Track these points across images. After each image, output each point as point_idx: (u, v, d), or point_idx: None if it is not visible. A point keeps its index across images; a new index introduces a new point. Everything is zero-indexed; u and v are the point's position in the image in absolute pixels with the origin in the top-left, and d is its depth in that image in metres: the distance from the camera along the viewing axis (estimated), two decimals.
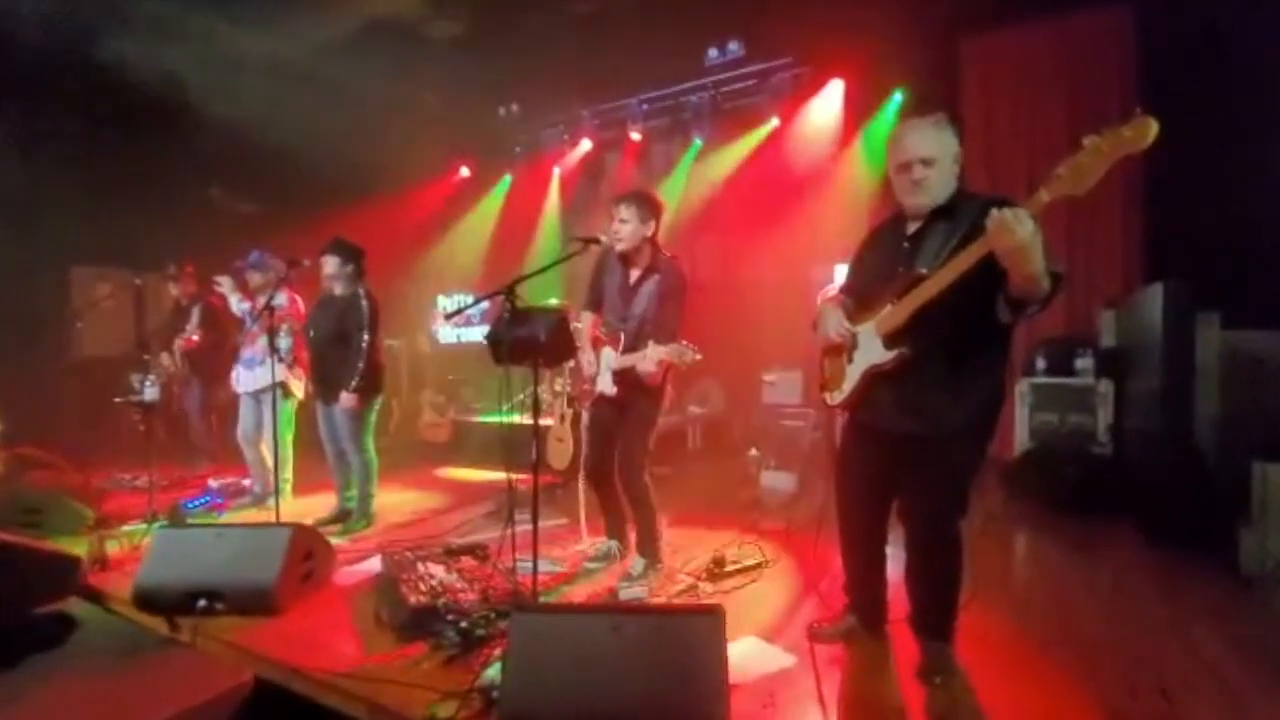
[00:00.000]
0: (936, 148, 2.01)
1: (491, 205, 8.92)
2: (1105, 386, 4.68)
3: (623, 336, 3.07)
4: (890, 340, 2.05)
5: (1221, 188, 4.25)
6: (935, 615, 2.18)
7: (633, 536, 3.29)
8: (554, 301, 5.57)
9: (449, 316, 5.29)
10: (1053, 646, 2.45)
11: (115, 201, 6.24)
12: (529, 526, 2.53)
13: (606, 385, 3.12)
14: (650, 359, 2.82)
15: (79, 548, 3.10)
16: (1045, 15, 5.32)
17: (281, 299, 4.12)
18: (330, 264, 3.97)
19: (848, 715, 2.04)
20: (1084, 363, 4.83)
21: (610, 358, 3.10)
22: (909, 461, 2.11)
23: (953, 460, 2.05)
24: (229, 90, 6.11)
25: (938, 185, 2.02)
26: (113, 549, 3.32)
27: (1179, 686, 2.17)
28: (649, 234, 3.05)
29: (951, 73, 5.75)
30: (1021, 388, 4.97)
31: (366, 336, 3.92)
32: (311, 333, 4.08)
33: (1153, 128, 1.55)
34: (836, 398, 2.28)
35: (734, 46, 6.62)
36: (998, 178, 5.46)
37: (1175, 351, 3.69)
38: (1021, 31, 5.49)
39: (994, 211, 1.68)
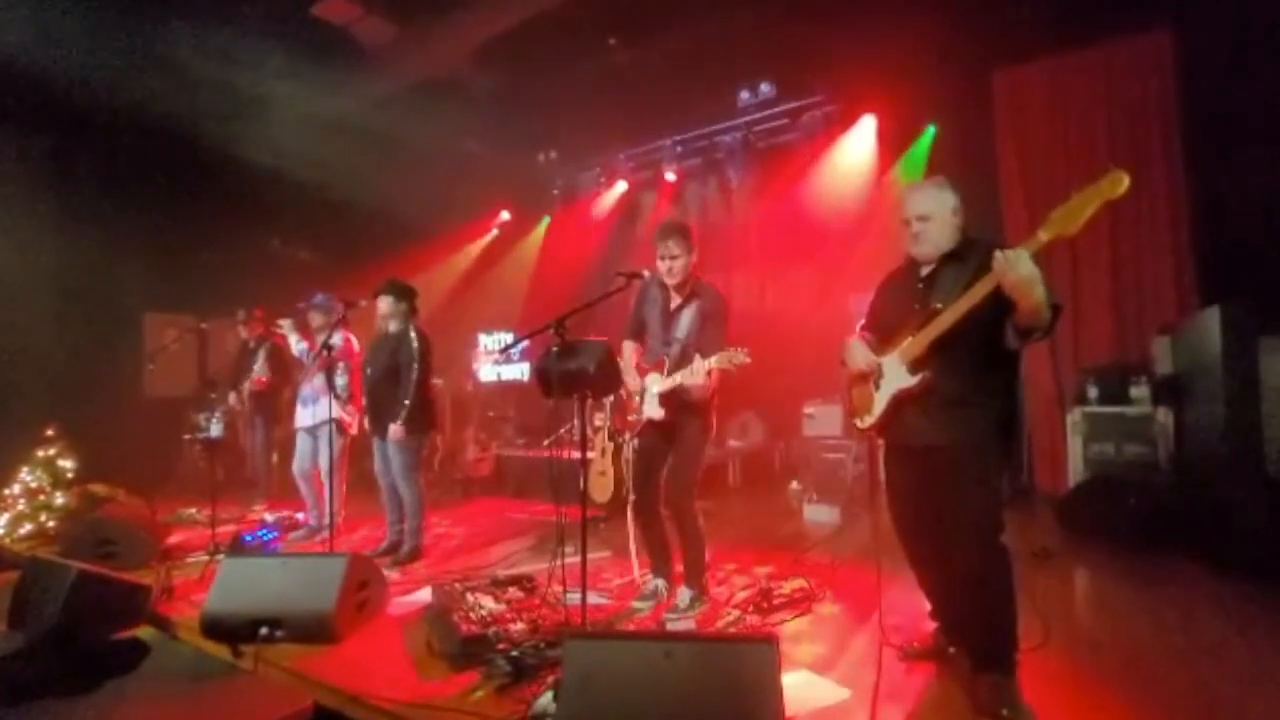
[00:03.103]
0: (933, 205, 2.30)
1: (531, 247, 9.20)
2: (1164, 415, 4.52)
3: (666, 361, 3.10)
4: (914, 366, 2.28)
5: (1276, 206, 4.14)
6: (991, 642, 2.14)
7: (678, 568, 3.27)
8: (593, 338, 5.68)
9: (502, 351, 5.43)
10: (1123, 686, 2.34)
11: (185, 253, 6.68)
12: (575, 558, 2.56)
13: (653, 409, 3.13)
14: (698, 370, 2.83)
15: (147, 578, 3.24)
16: (1079, 45, 5.33)
17: (338, 339, 4.30)
18: (384, 304, 4.14)
19: None
20: (1139, 391, 4.68)
21: (655, 382, 3.13)
22: (940, 473, 2.23)
23: (979, 468, 2.18)
24: (288, 147, 6.52)
25: (934, 236, 2.30)
26: (178, 579, 3.45)
27: None
28: (693, 261, 3.12)
29: (984, 105, 5.77)
30: (1073, 417, 4.83)
31: (416, 371, 4.05)
32: (368, 370, 4.25)
33: (1124, 181, 1.85)
34: (867, 421, 2.47)
35: (765, 88, 6.79)
36: (1036, 210, 5.40)
37: (1237, 376, 3.56)
38: (1055, 62, 5.49)
39: (998, 253, 1.95)
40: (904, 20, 5.15)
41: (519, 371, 8.18)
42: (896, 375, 2.34)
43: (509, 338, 8.21)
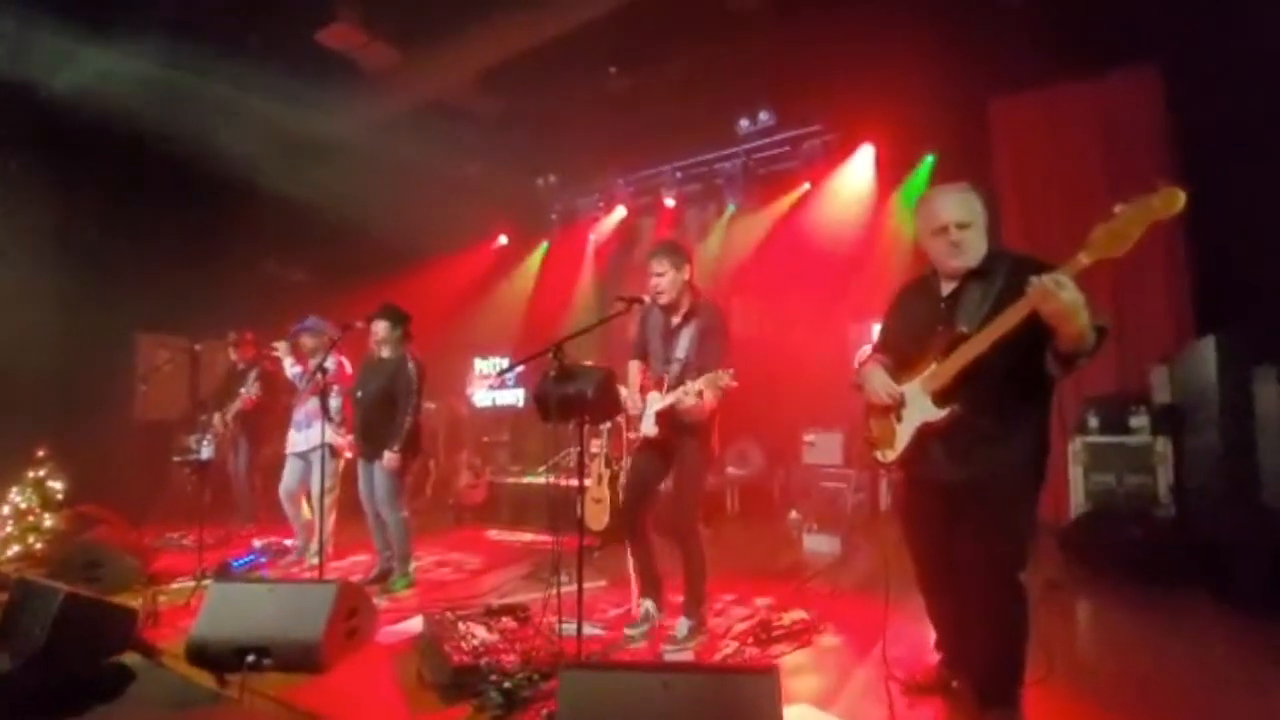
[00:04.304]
0: (969, 212, 2.14)
1: (529, 271, 9.28)
2: (1164, 445, 4.55)
3: (666, 379, 3.14)
4: (940, 398, 2.13)
5: (1271, 236, 4.24)
6: (999, 678, 2.13)
7: (671, 598, 3.26)
8: (588, 362, 5.72)
9: (499, 375, 5.46)
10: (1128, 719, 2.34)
11: (178, 273, 6.71)
12: (570, 588, 2.56)
13: (649, 427, 3.16)
14: (690, 392, 2.86)
15: (133, 603, 3.21)
16: (1074, 77, 5.48)
17: (331, 363, 4.33)
18: (380, 328, 4.18)
19: None
20: (1139, 420, 4.72)
21: (654, 401, 3.16)
22: (965, 509, 2.13)
23: (1007, 506, 2.08)
24: (283, 168, 6.61)
25: (974, 246, 2.13)
26: (163, 604, 3.43)
27: None
28: (686, 279, 3.17)
29: (982, 135, 5.91)
30: (1074, 446, 4.86)
31: (414, 399, 4.08)
32: (359, 394, 4.26)
33: (1179, 198, 1.67)
34: (889, 456, 2.31)
35: (765, 116, 6.93)
36: (1035, 239, 5.50)
37: (1233, 406, 3.61)
38: (1052, 93, 5.65)
39: (1033, 279, 1.80)
40: (902, 51, 5.29)
41: (514, 397, 8.20)
42: (920, 407, 2.18)
43: (505, 362, 8.25)
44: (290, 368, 4.64)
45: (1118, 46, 5.17)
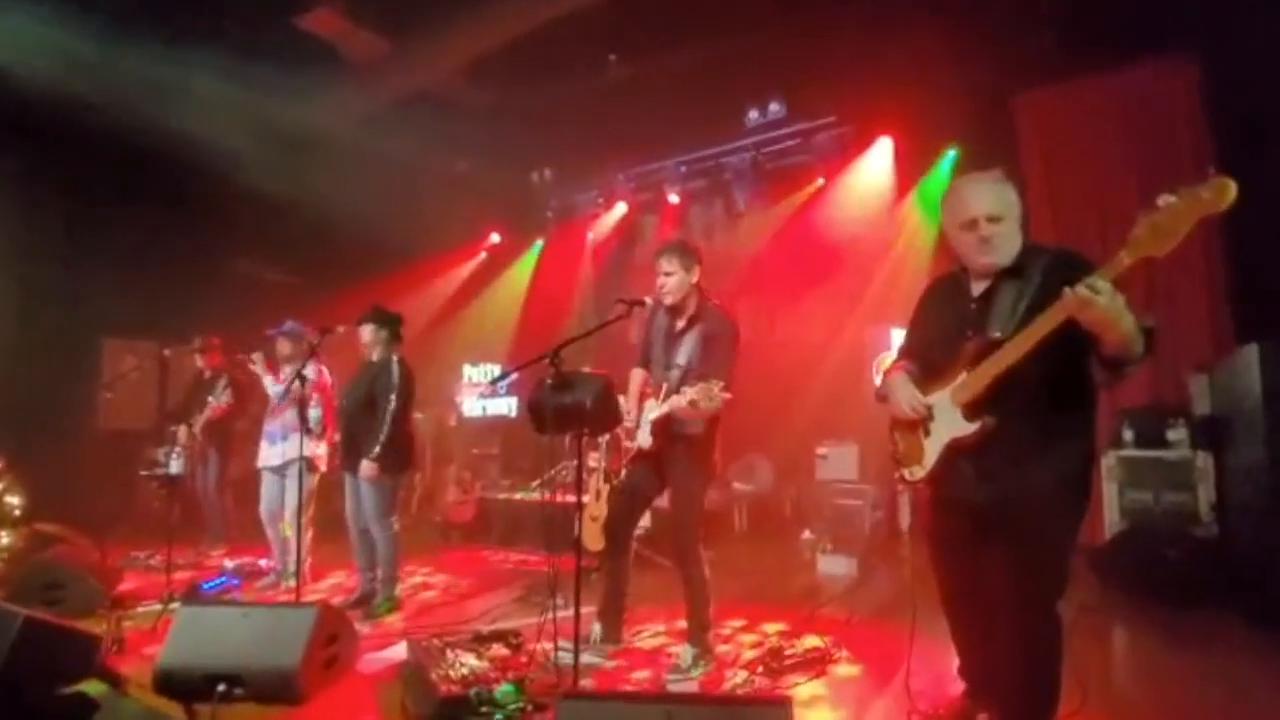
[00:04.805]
0: (1002, 204, 2.07)
1: (523, 272, 9.30)
2: (1204, 459, 4.54)
3: (665, 387, 3.14)
4: (970, 410, 2.06)
5: None
6: (1031, 712, 2.10)
7: (675, 624, 3.25)
8: (586, 370, 5.72)
9: (491, 384, 5.45)
10: None
11: (146, 273, 6.72)
12: (566, 612, 2.55)
13: (644, 437, 3.16)
14: (683, 397, 2.83)
15: (96, 627, 3.19)
16: (1103, 68, 5.50)
17: (311, 371, 4.33)
18: (366, 331, 4.21)
19: None
20: (1177, 433, 4.71)
21: (650, 410, 3.16)
22: (998, 535, 2.08)
23: (1045, 530, 2.02)
24: (261, 162, 6.62)
25: (1006, 242, 2.08)
26: (129, 629, 3.41)
27: None
28: (694, 281, 3.17)
29: (1007, 128, 5.93)
30: (1108, 461, 4.84)
31: (394, 402, 4.06)
32: (344, 402, 4.27)
33: (1231, 189, 1.61)
34: (917, 474, 2.25)
35: (775, 107, 6.95)
36: (1064, 237, 5.51)
37: (1278, 417, 3.59)
38: (1080, 84, 5.67)
39: (1067, 291, 1.76)
40: (921, 39, 5.31)
41: (506, 406, 8.20)
42: (949, 421, 2.11)
43: (497, 369, 8.25)
44: (271, 386, 4.64)
45: (1150, 35, 5.18)
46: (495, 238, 9.50)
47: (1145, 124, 5.40)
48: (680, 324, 3.21)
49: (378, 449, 4.01)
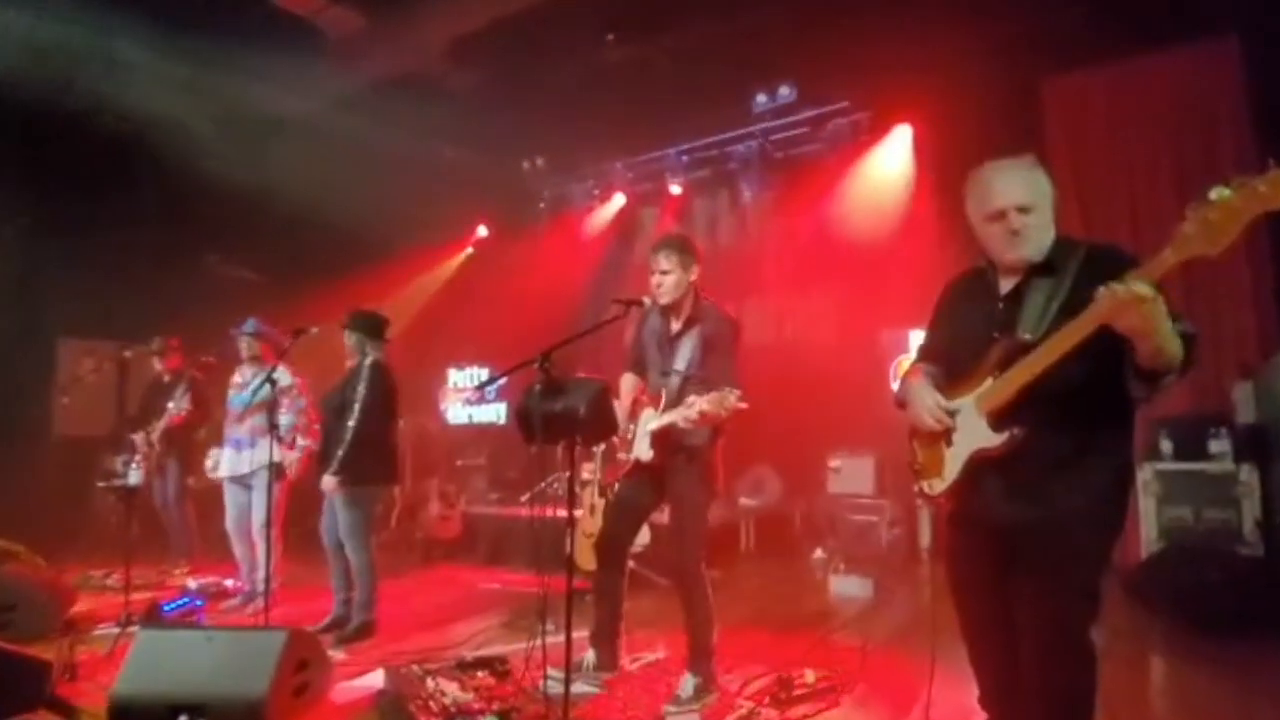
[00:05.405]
0: (1033, 193, 2.03)
1: (513, 268, 9.27)
2: (1248, 473, 4.54)
3: (664, 394, 3.13)
4: (997, 420, 2.02)
5: None
6: None
7: (676, 651, 3.24)
8: (582, 375, 5.71)
9: (477, 389, 5.46)
10: None
11: (108, 270, 6.71)
12: (557, 638, 2.54)
13: (643, 450, 3.16)
14: (692, 409, 2.80)
15: (48, 652, 3.17)
16: (1138, 50, 5.51)
17: (284, 376, 4.32)
18: (348, 339, 4.25)
19: None
20: (1219, 444, 4.71)
21: (649, 419, 3.16)
22: (1026, 559, 2.05)
23: (1077, 553, 2.00)
24: (229, 149, 6.62)
25: (1038, 235, 2.04)
26: (82, 654, 3.40)
27: None
28: (692, 280, 3.17)
29: (1034, 115, 5.94)
30: (1144, 475, 4.84)
31: (359, 410, 4.05)
32: (323, 409, 4.30)
33: None
34: (938, 487, 2.20)
35: (785, 91, 6.96)
36: (1096, 232, 5.52)
37: None
38: (1113, 69, 5.69)
39: (1101, 290, 1.72)
40: (942, 19, 5.33)
41: (494, 413, 8.20)
42: (974, 430, 2.07)
43: (485, 373, 8.25)
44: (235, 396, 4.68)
45: (1188, 14, 5.19)
46: (483, 231, 9.50)
47: (1182, 111, 5.43)
48: (677, 325, 3.21)
49: (337, 462, 4.00)
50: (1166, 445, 4.88)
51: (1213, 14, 5.16)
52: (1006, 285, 2.14)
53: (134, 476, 4.41)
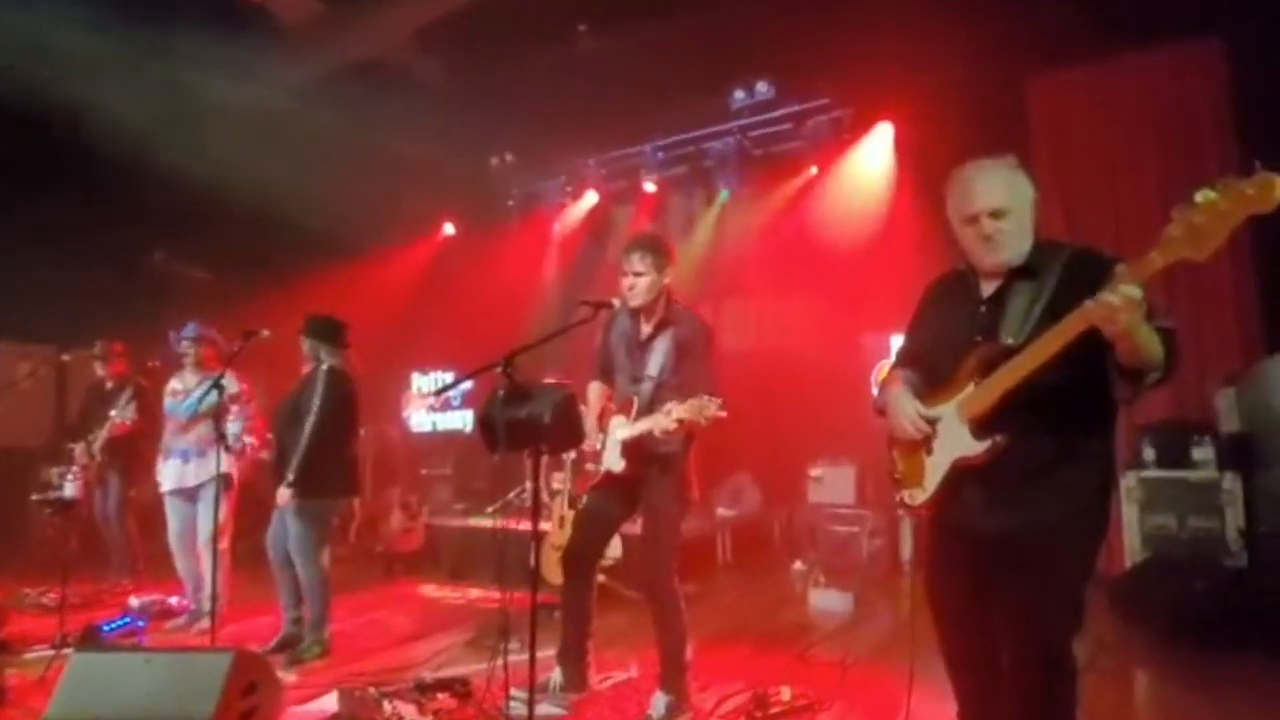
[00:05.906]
0: (1010, 196, 2.07)
1: (479, 268, 9.22)
2: (1232, 481, 4.64)
3: (635, 402, 3.13)
4: (979, 427, 2.05)
5: None
6: None
7: (644, 668, 3.24)
8: (550, 380, 5.71)
9: (439, 394, 5.42)
10: None
11: (44, 269, 6.56)
12: (521, 656, 2.52)
13: (613, 460, 3.15)
14: (670, 416, 2.80)
15: None
16: (1123, 50, 5.62)
17: (232, 384, 4.26)
18: (302, 341, 4.21)
19: None
20: (1202, 452, 4.82)
21: (620, 427, 3.15)
22: (1007, 569, 2.08)
23: (1060, 562, 2.03)
24: (178, 141, 6.51)
25: (1013, 240, 2.07)
26: (12, 677, 3.32)
27: None
28: (666, 283, 3.18)
29: (1018, 114, 6.04)
30: (1127, 483, 4.93)
31: (312, 419, 4.00)
32: (275, 418, 4.26)
33: (1278, 187, 1.58)
34: (919, 497, 2.24)
35: (763, 87, 7.01)
36: (1079, 234, 5.60)
37: None
38: (1098, 68, 5.80)
39: (1088, 303, 1.75)
40: (925, 14, 5.40)
41: (460, 420, 8.13)
42: (955, 438, 2.10)
43: (450, 378, 8.19)
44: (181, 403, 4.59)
45: (1175, 16, 5.31)
46: (449, 229, 9.44)
47: (1166, 110, 5.54)
48: (647, 329, 3.21)
49: (292, 473, 3.95)
50: (1149, 453, 4.97)
51: (1197, 14, 5.29)
52: (988, 288, 2.16)
53: (69, 489, 4.33)
